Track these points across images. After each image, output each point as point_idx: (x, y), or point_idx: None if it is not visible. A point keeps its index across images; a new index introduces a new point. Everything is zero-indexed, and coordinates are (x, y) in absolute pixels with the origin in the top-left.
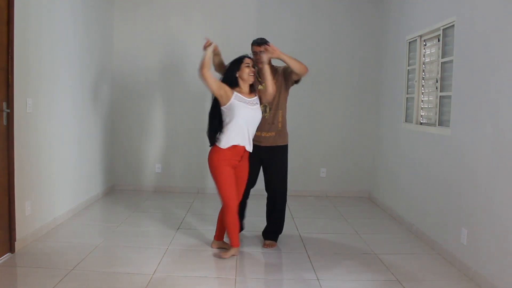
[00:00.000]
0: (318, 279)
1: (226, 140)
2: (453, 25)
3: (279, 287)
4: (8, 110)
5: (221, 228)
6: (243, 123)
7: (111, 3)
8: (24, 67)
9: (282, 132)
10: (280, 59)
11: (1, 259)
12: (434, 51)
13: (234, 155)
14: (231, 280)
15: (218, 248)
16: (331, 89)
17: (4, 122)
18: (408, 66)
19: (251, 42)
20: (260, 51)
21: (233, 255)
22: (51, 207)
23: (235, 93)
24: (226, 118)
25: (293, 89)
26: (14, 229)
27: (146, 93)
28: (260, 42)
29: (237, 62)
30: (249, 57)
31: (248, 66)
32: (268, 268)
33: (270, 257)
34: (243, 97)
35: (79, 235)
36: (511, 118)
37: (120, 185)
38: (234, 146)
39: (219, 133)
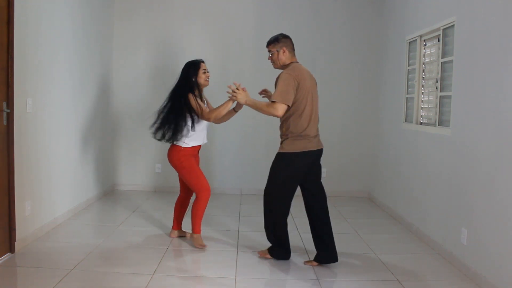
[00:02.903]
0: (318, 279)
1: (190, 140)
2: (453, 25)
3: (279, 287)
4: (8, 110)
5: (179, 217)
6: (205, 126)
7: (110, 5)
8: (24, 67)
9: (284, 140)
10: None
11: (1, 259)
12: (434, 51)
13: (194, 152)
14: (231, 280)
15: (178, 237)
16: (331, 89)
17: (4, 122)
18: (408, 66)
19: (249, 44)
20: (269, 52)
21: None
22: (51, 207)
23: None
24: (189, 121)
25: None
26: (14, 229)
27: (146, 93)
28: (267, 44)
29: (194, 67)
30: (204, 62)
31: (204, 72)
32: (268, 268)
33: (270, 257)
34: (204, 103)
35: (79, 235)
36: (511, 118)
37: (120, 185)
38: (195, 146)
39: (183, 134)
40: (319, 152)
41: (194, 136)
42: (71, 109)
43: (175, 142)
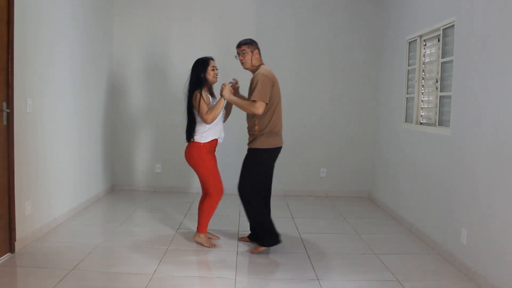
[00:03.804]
0: (318, 279)
1: (208, 135)
2: (453, 25)
3: (279, 287)
4: (8, 110)
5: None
6: (219, 119)
7: (111, 5)
8: (24, 67)
9: (258, 137)
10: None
11: (1, 259)
12: (434, 51)
13: (212, 148)
14: (231, 280)
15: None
16: (331, 89)
17: (4, 122)
18: (408, 66)
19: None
20: (242, 51)
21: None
22: (51, 207)
23: (209, 96)
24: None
25: (293, 89)
26: (14, 229)
27: (146, 93)
28: (239, 44)
29: (203, 64)
30: (213, 59)
31: (213, 69)
32: (268, 268)
33: (270, 257)
34: (212, 97)
35: (79, 235)
36: (511, 118)
37: (120, 185)
38: (213, 140)
39: (196, 130)
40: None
41: (211, 130)
42: (71, 109)
43: (194, 139)
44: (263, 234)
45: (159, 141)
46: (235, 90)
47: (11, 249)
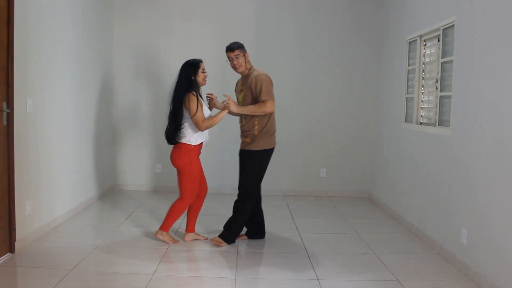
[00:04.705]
0: (318, 279)
1: (198, 137)
2: (453, 25)
3: (279, 287)
4: (8, 110)
5: (193, 219)
6: None
7: (110, 5)
8: (24, 67)
9: (258, 138)
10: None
11: (1, 259)
12: (434, 51)
13: (200, 151)
14: (231, 280)
15: (192, 240)
16: (331, 89)
17: (4, 122)
18: (408, 66)
19: (250, 44)
20: (236, 55)
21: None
22: (51, 207)
23: (200, 99)
24: (190, 120)
25: (293, 89)
26: (14, 229)
27: (146, 93)
28: (232, 48)
29: (194, 67)
30: (202, 62)
31: (203, 72)
32: (268, 268)
33: (270, 257)
34: (202, 100)
35: (79, 235)
36: (511, 118)
37: (120, 185)
38: (201, 143)
39: (185, 132)
40: None
41: (201, 132)
42: (71, 108)
43: (183, 141)
44: (231, 231)
45: (159, 141)
46: (214, 102)
47: (11, 249)
